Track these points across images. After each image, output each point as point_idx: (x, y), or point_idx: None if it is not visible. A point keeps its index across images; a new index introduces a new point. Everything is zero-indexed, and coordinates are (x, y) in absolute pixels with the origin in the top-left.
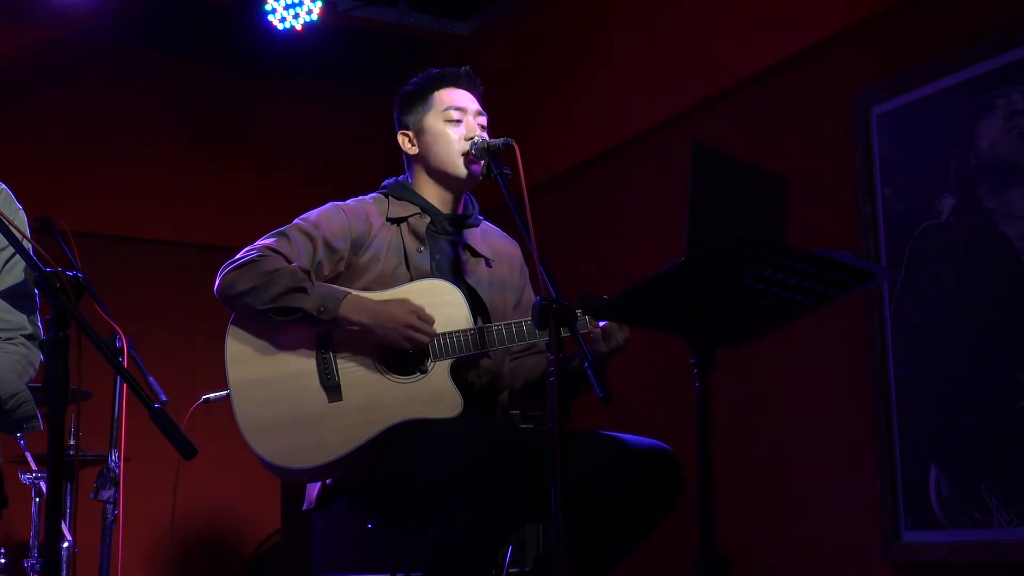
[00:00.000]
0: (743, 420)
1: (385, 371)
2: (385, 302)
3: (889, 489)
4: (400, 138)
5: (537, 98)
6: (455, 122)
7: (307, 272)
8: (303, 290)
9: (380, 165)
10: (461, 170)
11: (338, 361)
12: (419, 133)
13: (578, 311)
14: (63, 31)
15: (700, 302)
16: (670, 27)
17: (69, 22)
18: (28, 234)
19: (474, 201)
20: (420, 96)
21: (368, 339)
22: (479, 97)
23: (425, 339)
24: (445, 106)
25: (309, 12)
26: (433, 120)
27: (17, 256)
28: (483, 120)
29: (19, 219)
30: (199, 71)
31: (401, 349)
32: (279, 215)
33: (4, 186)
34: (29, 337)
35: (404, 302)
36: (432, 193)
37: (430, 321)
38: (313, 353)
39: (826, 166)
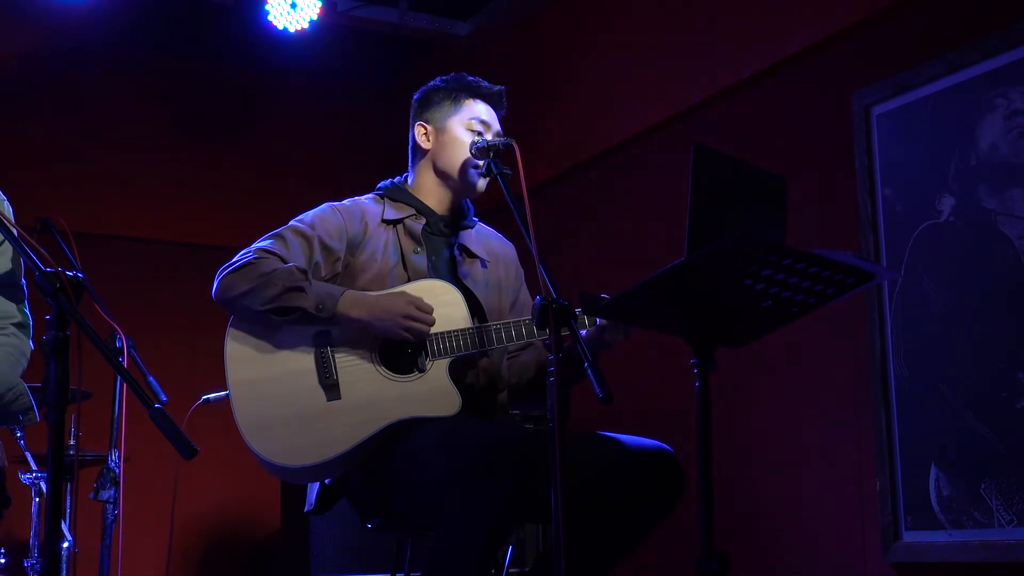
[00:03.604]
0: (743, 420)
1: (383, 370)
2: (382, 295)
3: (889, 489)
4: (417, 129)
5: (537, 98)
6: (477, 134)
7: (304, 272)
8: (300, 289)
9: (380, 165)
10: (463, 180)
11: (336, 360)
12: (439, 131)
13: (578, 310)
14: (63, 31)
15: (700, 302)
16: (670, 27)
17: (69, 22)
18: (13, 222)
19: (469, 203)
20: (451, 96)
21: (368, 335)
22: (500, 121)
23: (424, 328)
24: (473, 115)
25: (309, 12)
26: (457, 124)
27: (4, 245)
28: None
29: (3, 207)
30: (199, 71)
31: (400, 340)
32: (278, 215)
33: None
34: (19, 326)
35: (402, 294)
36: (431, 193)
37: (428, 310)
38: (312, 352)
39: (826, 166)
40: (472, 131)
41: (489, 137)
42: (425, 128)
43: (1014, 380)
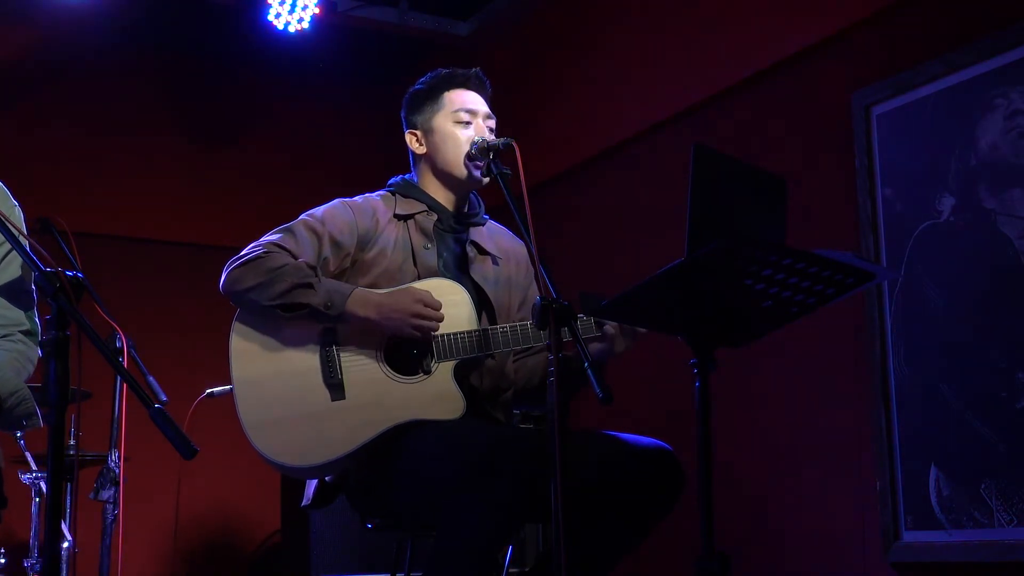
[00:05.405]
0: (743, 420)
1: (388, 371)
2: (390, 293)
3: (889, 489)
4: (408, 137)
5: (537, 98)
6: (465, 124)
7: (313, 268)
8: (310, 285)
9: (380, 165)
10: (464, 172)
11: (342, 359)
12: (427, 133)
13: (581, 316)
14: (63, 31)
15: (700, 302)
16: (670, 27)
17: (69, 22)
18: (24, 230)
19: (480, 200)
20: (430, 96)
21: (374, 335)
22: (488, 100)
23: (432, 325)
24: (455, 107)
25: (307, 11)
26: (442, 121)
27: (14, 252)
28: (492, 123)
29: (15, 215)
30: (199, 71)
31: (410, 339)
32: (279, 215)
33: (0, 183)
34: (26, 333)
35: (408, 291)
36: (438, 192)
37: (436, 307)
38: (317, 351)
39: (826, 166)
40: (460, 122)
41: (479, 121)
42: (415, 134)
43: (1014, 380)
